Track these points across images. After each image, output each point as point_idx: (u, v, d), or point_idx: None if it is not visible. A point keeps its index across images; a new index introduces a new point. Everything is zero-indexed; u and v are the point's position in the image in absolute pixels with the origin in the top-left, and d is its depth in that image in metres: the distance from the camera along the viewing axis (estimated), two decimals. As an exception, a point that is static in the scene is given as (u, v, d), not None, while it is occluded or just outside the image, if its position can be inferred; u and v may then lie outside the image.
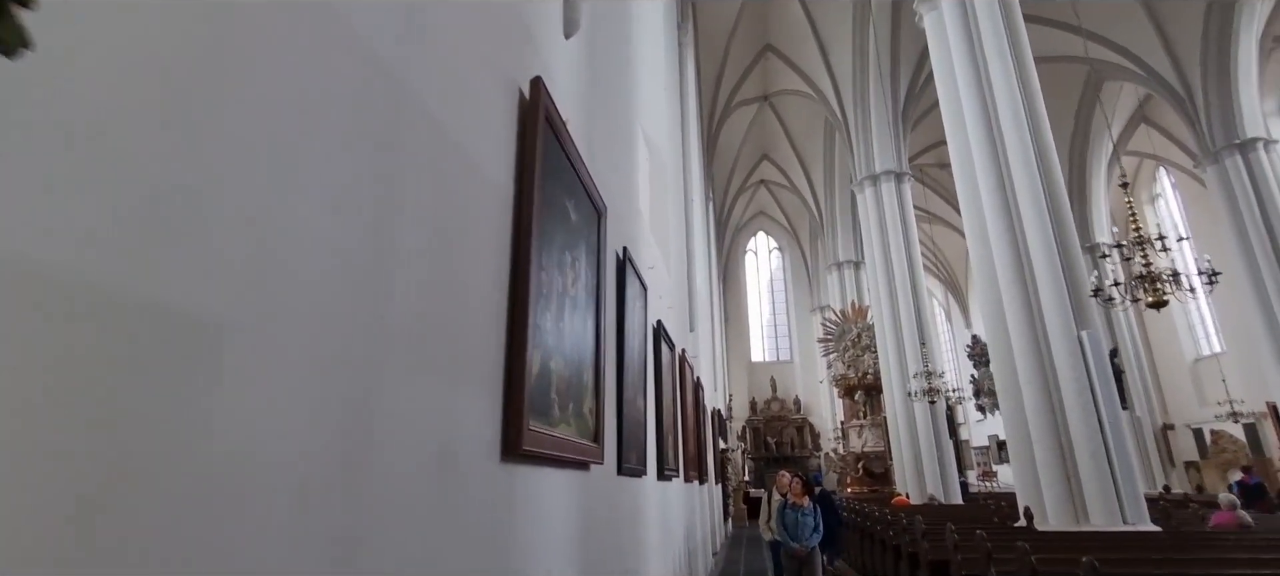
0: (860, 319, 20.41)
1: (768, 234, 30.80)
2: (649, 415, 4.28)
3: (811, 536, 5.31)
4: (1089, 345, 7.20)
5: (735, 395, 27.63)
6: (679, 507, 5.83)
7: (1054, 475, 7.06)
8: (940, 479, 12.76)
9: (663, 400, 4.91)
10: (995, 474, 26.67)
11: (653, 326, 4.96)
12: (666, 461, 5.01)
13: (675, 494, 5.63)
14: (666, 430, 5.22)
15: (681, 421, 6.65)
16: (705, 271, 14.59)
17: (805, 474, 5.52)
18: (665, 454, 5.02)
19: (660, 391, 4.82)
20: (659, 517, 4.62)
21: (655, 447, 4.67)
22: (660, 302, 5.54)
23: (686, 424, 6.84)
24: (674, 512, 5.44)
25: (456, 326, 1.53)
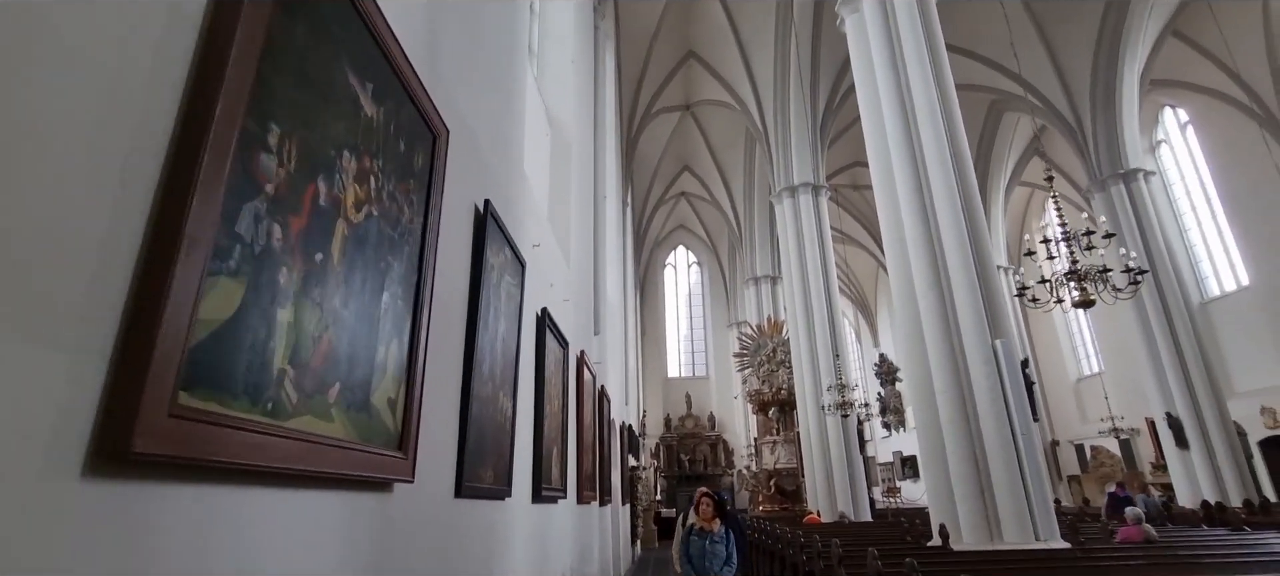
0: (776, 333, 20.33)
1: (687, 248, 30.63)
2: (519, 421, 3.41)
3: (722, 570, 4.40)
4: (1003, 354, 6.98)
5: (650, 411, 27.04)
6: (566, 534, 4.95)
7: (969, 489, 6.74)
8: (851, 496, 12.54)
9: (547, 405, 4.05)
10: (899, 490, 27.39)
11: (535, 313, 4.11)
12: (548, 479, 4.14)
13: (562, 518, 4.75)
14: (551, 442, 4.35)
15: (579, 434, 5.80)
16: (619, 278, 13.85)
17: (717, 493, 4.71)
18: (546, 471, 4.15)
19: (543, 394, 3.96)
20: (533, 549, 3.73)
21: (532, 462, 3.80)
22: (551, 291, 4.69)
23: (584, 437, 5.99)
24: (558, 540, 4.56)
25: None
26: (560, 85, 6.68)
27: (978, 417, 6.88)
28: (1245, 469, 12.59)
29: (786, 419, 19.84)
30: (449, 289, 2.39)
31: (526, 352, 3.67)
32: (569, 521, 5.10)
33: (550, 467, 4.21)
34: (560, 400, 4.70)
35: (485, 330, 2.75)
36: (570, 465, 5.16)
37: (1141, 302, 14.01)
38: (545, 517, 4.12)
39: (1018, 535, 6.40)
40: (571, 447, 5.32)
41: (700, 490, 4.82)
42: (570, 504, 5.12)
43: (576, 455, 5.77)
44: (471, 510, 2.56)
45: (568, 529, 5.03)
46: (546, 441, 4.04)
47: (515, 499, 3.20)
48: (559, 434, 4.66)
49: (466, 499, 2.46)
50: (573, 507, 5.36)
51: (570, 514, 5.16)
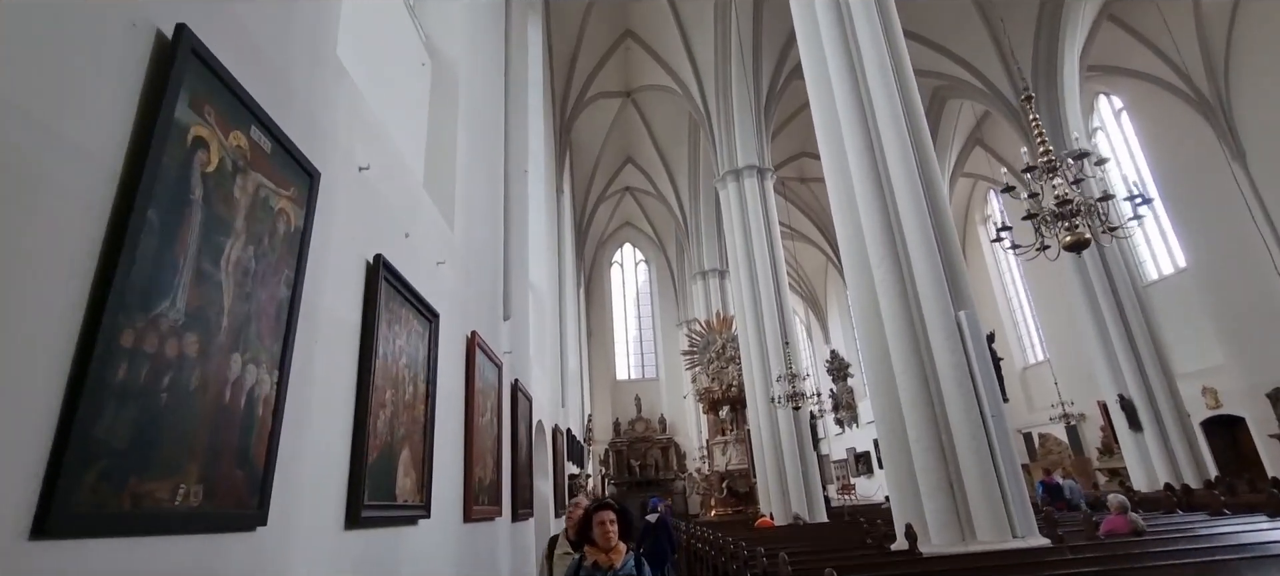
0: (725, 329, 19.49)
1: (634, 246, 29.62)
2: (305, 405, 2.23)
3: None
4: (968, 326, 6.15)
5: (599, 416, 25.85)
6: (438, 559, 3.76)
7: (936, 482, 5.86)
8: (805, 495, 11.67)
9: (379, 389, 2.87)
10: (854, 487, 26.98)
11: (367, 258, 2.93)
12: (388, 493, 2.96)
13: (428, 541, 3.56)
14: (402, 440, 3.17)
15: (468, 434, 4.62)
16: (551, 268, 12.66)
17: (621, 504, 3.23)
18: (390, 480, 2.97)
19: (369, 372, 2.78)
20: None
21: (350, 468, 2.62)
22: (405, 242, 3.51)
23: (476, 438, 4.80)
24: (417, 570, 3.37)
25: None
26: (445, 17, 5.51)
27: (943, 399, 6.02)
28: (1200, 449, 12.35)
29: (738, 418, 19.00)
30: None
31: (325, 300, 2.49)
32: (443, 545, 3.90)
33: (393, 476, 3.02)
34: (419, 388, 3.51)
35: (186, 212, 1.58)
36: (445, 472, 3.97)
37: (1090, 285, 13.76)
38: (386, 548, 2.93)
39: (992, 532, 5.54)
40: (447, 449, 4.13)
41: (592, 503, 3.20)
42: (444, 522, 3.92)
43: (464, 459, 4.58)
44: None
45: (441, 554, 3.84)
46: (378, 439, 2.85)
47: (270, 527, 2.01)
48: (420, 430, 3.48)
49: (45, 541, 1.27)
50: (452, 526, 4.16)
51: (445, 535, 3.96)
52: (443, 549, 3.89)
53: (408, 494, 3.22)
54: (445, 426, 4.10)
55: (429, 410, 3.61)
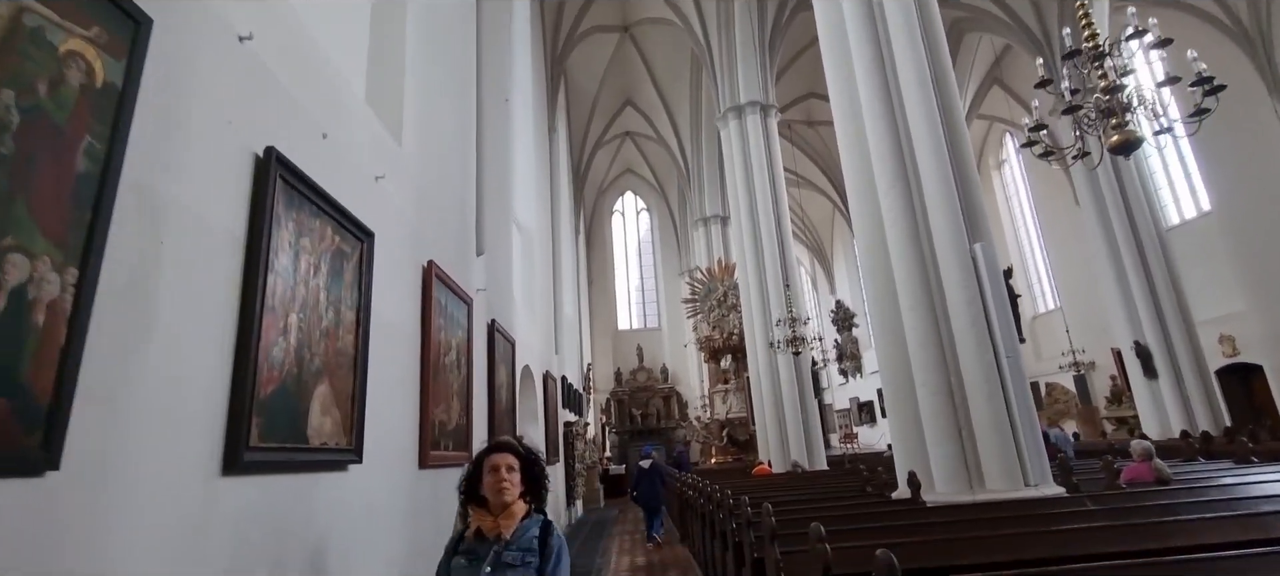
0: (726, 276, 18.98)
1: (635, 194, 28.84)
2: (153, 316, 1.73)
3: None
4: (983, 260, 5.59)
5: (600, 365, 25.63)
6: (380, 509, 3.34)
7: (943, 429, 5.40)
8: (805, 443, 11.32)
9: (261, 300, 2.37)
10: (856, 436, 26.86)
11: (254, 151, 2.38)
12: (306, 431, 2.50)
13: (362, 489, 3.12)
14: (318, 374, 2.69)
15: (424, 374, 4.16)
16: (538, 207, 12.07)
17: (527, 447, 2.17)
18: (297, 419, 2.50)
19: (257, 284, 2.27)
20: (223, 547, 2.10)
21: (229, 403, 2.14)
22: (321, 143, 2.96)
23: (435, 379, 4.34)
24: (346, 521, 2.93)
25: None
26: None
27: (953, 340, 5.50)
28: (1217, 397, 11.89)
29: (739, 366, 18.67)
30: None
31: (180, 192, 1.96)
32: (387, 493, 3.47)
33: (300, 416, 2.55)
34: (345, 315, 3.01)
35: None
36: (390, 413, 3.51)
37: (1110, 229, 13.08)
38: (279, 497, 2.47)
39: (1003, 481, 5.10)
40: (394, 388, 3.66)
41: (491, 445, 2.17)
42: (387, 468, 3.48)
43: (419, 401, 4.12)
44: None
45: (385, 503, 3.41)
46: (275, 371, 2.36)
47: (108, 471, 1.53)
48: (348, 364, 2.99)
49: None
50: (401, 473, 3.73)
51: (390, 482, 3.53)
52: (387, 498, 3.46)
53: (328, 435, 2.75)
54: (390, 362, 3.62)
55: (360, 342, 3.11)
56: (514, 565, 1.92)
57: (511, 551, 1.94)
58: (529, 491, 2.09)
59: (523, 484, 2.06)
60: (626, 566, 7.95)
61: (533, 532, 2.01)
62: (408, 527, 3.75)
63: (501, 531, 1.96)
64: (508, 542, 1.95)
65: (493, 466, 2.05)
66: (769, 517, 2.91)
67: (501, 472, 2.02)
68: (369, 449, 3.13)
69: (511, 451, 2.10)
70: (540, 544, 2.00)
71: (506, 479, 2.01)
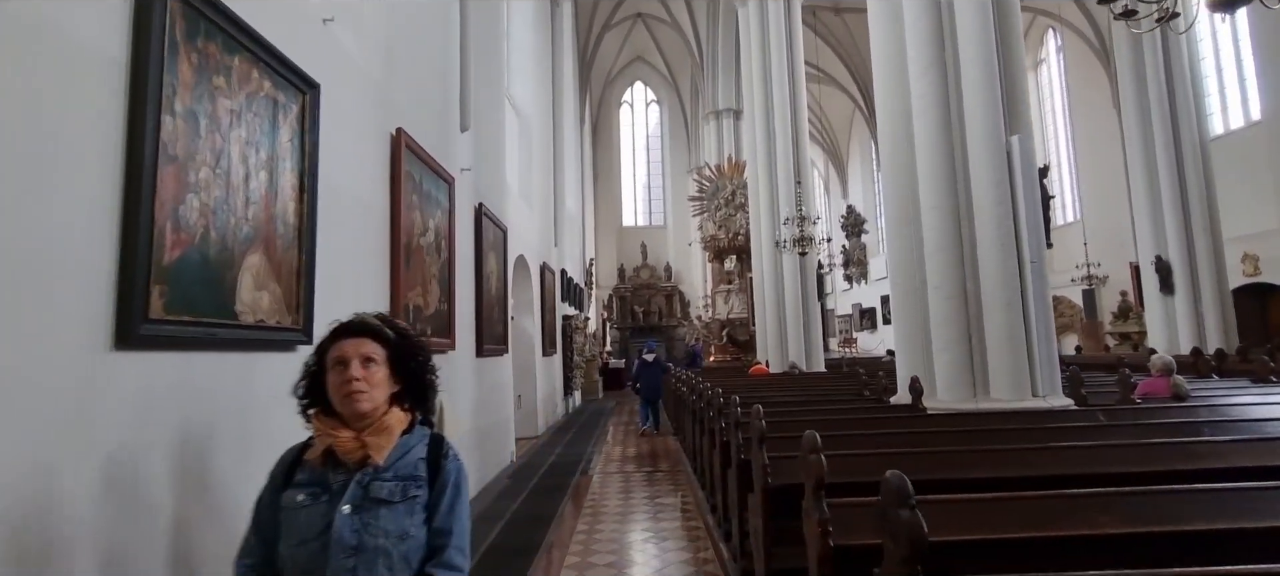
0: (736, 175, 18.29)
1: (645, 84, 27.46)
2: None
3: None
4: (1019, 155, 5.06)
5: (604, 261, 25.42)
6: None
7: (952, 334, 5.08)
8: (804, 345, 11.16)
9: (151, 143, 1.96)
10: (856, 341, 27.01)
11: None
12: (233, 305, 2.17)
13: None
14: (248, 242, 2.33)
15: (394, 253, 3.81)
16: (538, 89, 11.31)
17: (397, 325, 1.54)
18: (221, 291, 2.17)
19: (145, 124, 1.85)
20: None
21: (119, 267, 1.79)
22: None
23: (407, 260, 4.00)
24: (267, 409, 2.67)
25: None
26: None
27: (975, 240, 5.08)
28: (1232, 316, 11.56)
29: (743, 267, 18.40)
30: None
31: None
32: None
33: (225, 287, 2.21)
34: (284, 179, 2.60)
35: None
36: (348, 292, 3.19)
37: (1150, 134, 12.23)
38: (198, 377, 2.17)
39: (1011, 391, 4.84)
40: (354, 265, 3.32)
41: (337, 327, 1.49)
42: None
43: (389, 283, 3.80)
44: None
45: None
46: (184, 233, 2.00)
47: None
48: (292, 235, 2.63)
49: None
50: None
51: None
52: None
53: (264, 312, 2.43)
54: (348, 236, 3.26)
55: (306, 210, 2.73)
56: (390, 501, 1.33)
57: (384, 481, 1.34)
58: (407, 392, 1.46)
59: (395, 381, 1.42)
60: (618, 455, 8.00)
61: (418, 453, 1.42)
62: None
63: (370, 453, 1.34)
64: (380, 469, 1.34)
65: (338, 358, 1.37)
66: (759, 420, 2.65)
67: (352, 367, 1.35)
68: (320, 329, 2.82)
69: (370, 334, 1.42)
70: (429, 470, 1.40)
71: (360, 376, 1.34)
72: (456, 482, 1.42)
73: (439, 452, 1.44)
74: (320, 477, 1.36)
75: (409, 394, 1.47)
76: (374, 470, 1.35)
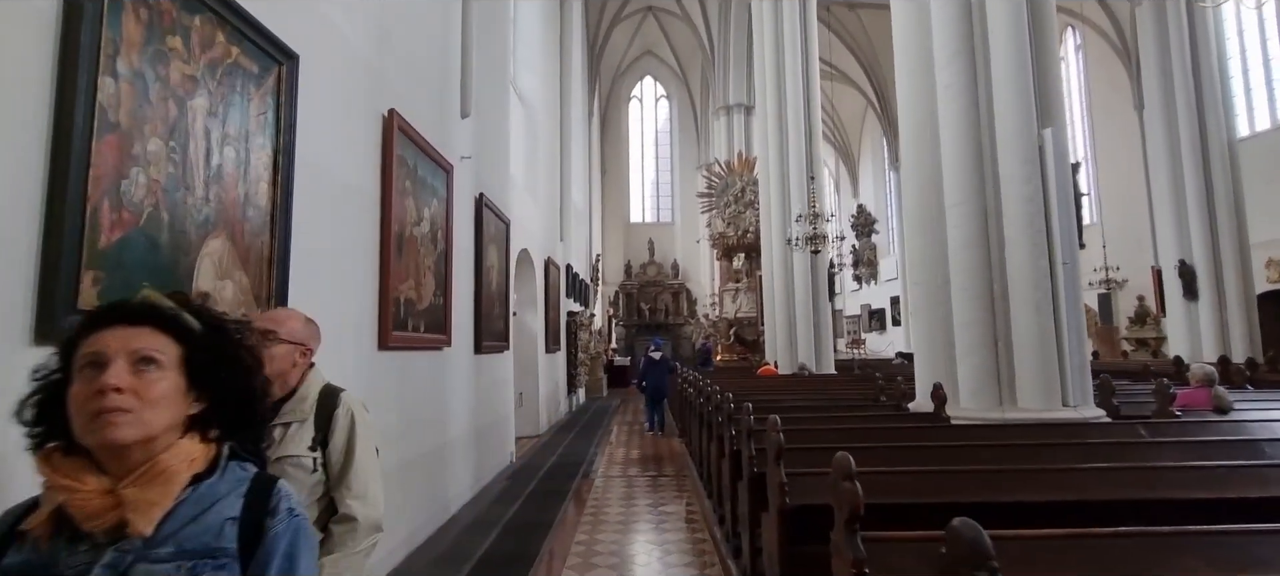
0: (746, 171, 17.97)
1: (655, 79, 27.14)
2: None
3: None
4: (1052, 149, 4.75)
5: (610, 257, 25.16)
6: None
7: (977, 338, 4.79)
8: (814, 345, 10.87)
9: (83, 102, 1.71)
10: (863, 342, 26.64)
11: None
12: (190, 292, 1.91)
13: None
14: (208, 227, 2.08)
15: (384, 244, 3.57)
16: (545, 80, 11.05)
17: (196, 304, 0.91)
18: (181, 278, 1.92)
19: (78, 78, 1.60)
20: None
21: (42, 239, 1.53)
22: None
23: (398, 251, 3.75)
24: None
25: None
26: None
27: (1003, 241, 4.78)
28: (1257, 324, 11.17)
29: (752, 266, 18.09)
30: None
31: None
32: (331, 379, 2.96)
33: (186, 277, 1.96)
34: (255, 157, 2.35)
35: None
36: (332, 285, 2.95)
37: (1175, 134, 11.84)
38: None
39: (1040, 399, 4.55)
40: (339, 258, 3.07)
41: (94, 313, 0.88)
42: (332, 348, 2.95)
43: (378, 275, 3.55)
44: None
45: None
46: (128, 213, 1.75)
47: None
48: (262, 219, 2.38)
49: None
50: (355, 354, 3.21)
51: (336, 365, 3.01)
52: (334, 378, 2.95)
53: (227, 303, 2.18)
54: (330, 222, 3.01)
55: (280, 193, 2.48)
56: None
57: (157, 562, 0.80)
58: (215, 416, 0.89)
59: (194, 397, 0.87)
60: (621, 457, 7.74)
61: (226, 510, 0.86)
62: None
63: (130, 516, 0.79)
64: (148, 542, 0.80)
65: (92, 357, 0.80)
66: (776, 432, 2.38)
67: (111, 372, 0.79)
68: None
69: (152, 319, 0.85)
70: (244, 536, 0.86)
71: (124, 387, 0.79)
72: (289, 553, 0.87)
73: (264, 507, 0.88)
74: (44, 561, 0.79)
75: (219, 418, 0.90)
76: (139, 543, 0.79)
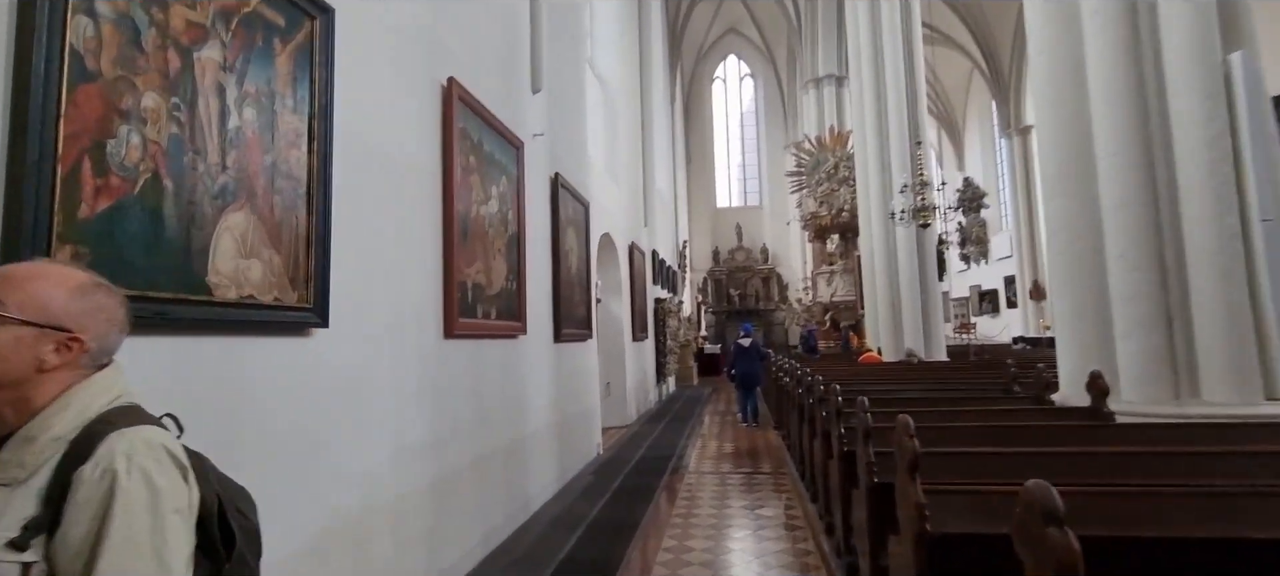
0: (839, 146, 16.85)
1: (739, 57, 26.19)
2: None
3: None
4: (1241, 76, 3.79)
5: (698, 243, 24.64)
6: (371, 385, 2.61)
7: (1144, 314, 3.92)
8: (923, 330, 9.87)
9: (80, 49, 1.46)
10: (974, 326, 24.55)
11: None
12: (206, 277, 1.67)
13: (334, 361, 2.36)
14: (227, 199, 1.83)
15: (447, 223, 3.31)
16: (623, 61, 10.68)
17: None
18: (195, 254, 1.68)
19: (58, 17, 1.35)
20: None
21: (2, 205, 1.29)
22: None
23: (462, 229, 3.48)
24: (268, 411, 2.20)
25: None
26: None
27: (1176, 195, 3.87)
28: None
29: (847, 247, 16.98)
30: None
31: None
32: (392, 365, 2.72)
33: (201, 254, 1.71)
34: (281, 120, 2.10)
35: None
36: (398, 265, 2.70)
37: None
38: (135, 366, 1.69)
39: (1233, 390, 3.64)
40: (381, 236, 2.82)
41: None
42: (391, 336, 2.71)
43: (443, 256, 3.29)
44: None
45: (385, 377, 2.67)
46: (119, 179, 1.50)
47: None
48: (296, 192, 2.13)
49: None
50: (419, 343, 2.97)
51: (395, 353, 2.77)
52: (390, 373, 2.71)
53: (256, 286, 1.93)
54: (381, 201, 2.76)
55: (318, 161, 2.22)
56: None
57: None
58: None
59: None
60: (713, 451, 7.28)
61: None
62: (428, 408, 3.04)
63: None
64: None
65: None
66: (909, 437, 1.83)
67: None
68: (344, 308, 2.32)
69: None
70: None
71: None
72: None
73: None
74: None
75: None
76: None
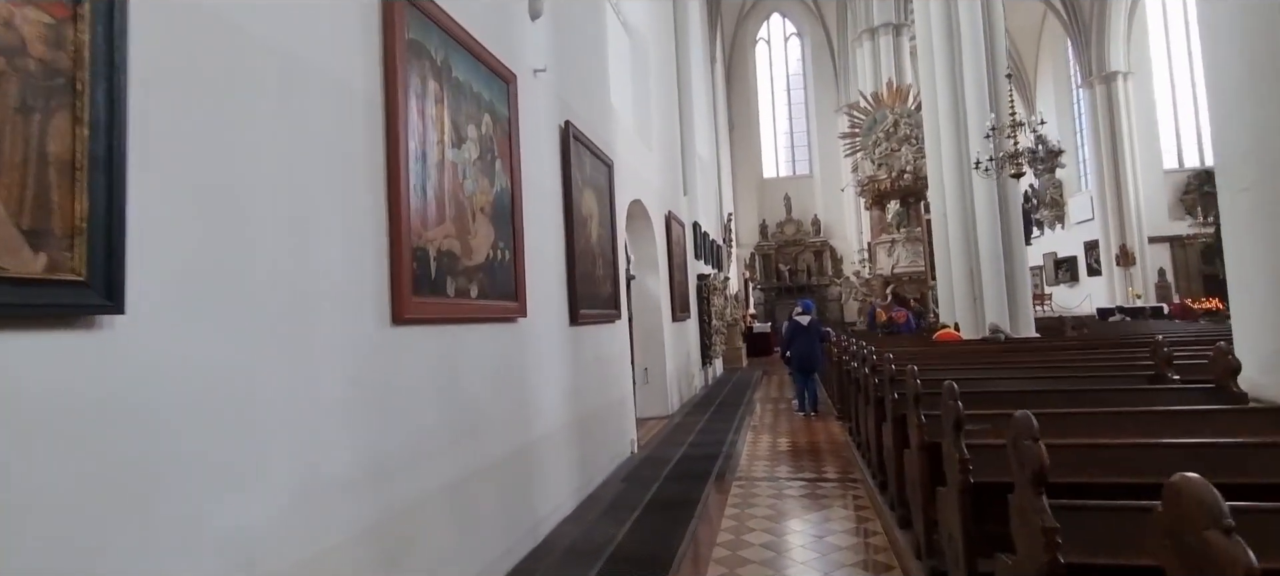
0: (898, 101, 15.30)
1: (783, 16, 24.51)
2: None
3: None
4: None
5: (744, 216, 23.40)
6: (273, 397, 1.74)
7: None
8: (1007, 303, 8.55)
9: None
10: (1050, 296, 22.57)
11: None
12: None
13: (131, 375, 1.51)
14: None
15: (391, 159, 2.42)
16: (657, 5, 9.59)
17: None
18: None
19: None
20: None
21: None
22: None
23: (418, 176, 2.60)
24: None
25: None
26: None
27: None
28: None
29: (910, 214, 15.49)
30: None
31: None
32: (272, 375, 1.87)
33: None
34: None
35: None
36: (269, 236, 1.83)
37: None
38: None
39: None
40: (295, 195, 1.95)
41: None
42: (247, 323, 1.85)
43: (387, 225, 2.42)
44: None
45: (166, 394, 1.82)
46: None
47: None
48: (54, 78, 1.26)
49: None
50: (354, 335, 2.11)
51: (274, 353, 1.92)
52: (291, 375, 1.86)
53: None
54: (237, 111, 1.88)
55: (91, 32, 1.35)
56: None
57: None
58: None
59: None
60: (766, 448, 6.30)
61: None
62: (363, 423, 2.19)
63: None
64: None
65: None
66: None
67: None
68: (173, 283, 1.47)
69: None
70: None
71: None
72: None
73: None
74: None
75: None
76: None
